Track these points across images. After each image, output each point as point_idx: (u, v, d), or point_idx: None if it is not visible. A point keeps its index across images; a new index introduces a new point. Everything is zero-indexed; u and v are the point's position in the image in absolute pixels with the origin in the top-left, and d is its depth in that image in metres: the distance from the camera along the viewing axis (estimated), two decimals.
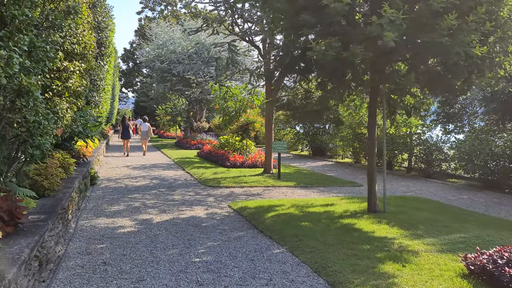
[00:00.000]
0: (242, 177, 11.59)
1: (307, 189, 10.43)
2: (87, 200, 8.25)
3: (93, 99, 11.68)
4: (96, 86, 11.90)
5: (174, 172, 13.00)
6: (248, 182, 10.87)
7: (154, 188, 9.90)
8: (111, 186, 10.03)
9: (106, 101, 16.11)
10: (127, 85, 54.93)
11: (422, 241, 5.41)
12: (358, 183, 11.43)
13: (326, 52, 5.22)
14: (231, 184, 10.53)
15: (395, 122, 8.59)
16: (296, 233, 5.74)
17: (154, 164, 15.43)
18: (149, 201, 8.38)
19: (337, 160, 18.46)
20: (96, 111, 12.27)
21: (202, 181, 11.00)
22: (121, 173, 12.49)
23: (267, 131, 12.51)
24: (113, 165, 14.73)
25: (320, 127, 20.39)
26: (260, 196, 9.25)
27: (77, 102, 7.41)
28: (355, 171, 14.86)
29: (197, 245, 5.39)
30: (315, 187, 10.71)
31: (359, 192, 10.18)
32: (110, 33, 13.87)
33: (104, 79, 13.89)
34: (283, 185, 10.67)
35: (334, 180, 11.83)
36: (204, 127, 24.48)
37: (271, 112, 12.37)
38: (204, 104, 25.06)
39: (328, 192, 9.96)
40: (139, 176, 12.00)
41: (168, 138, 34.48)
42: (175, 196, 8.95)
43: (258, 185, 10.56)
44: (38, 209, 4.79)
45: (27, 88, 3.89)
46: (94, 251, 5.05)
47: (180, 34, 25.10)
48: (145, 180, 11.17)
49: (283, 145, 11.59)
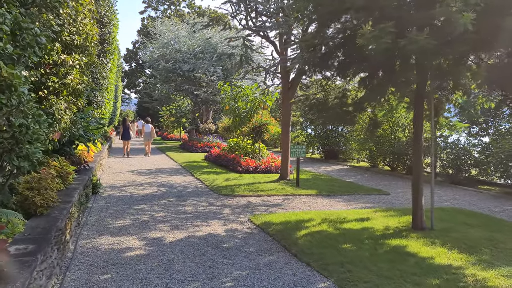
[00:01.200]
0: (257, 184, 10.62)
1: (330, 198, 9.45)
2: (88, 213, 7.29)
3: (95, 99, 10.74)
4: (99, 85, 10.97)
5: (183, 178, 12.03)
6: (264, 190, 9.90)
7: (162, 197, 8.94)
8: (115, 195, 9.07)
9: (109, 101, 15.18)
10: (129, 86, 54.03)
11: (498, 272, 4.42)
12: (384, 191, 10.45)
13: (380, 40, 4.24)
14: (247, 193, 9.55)
15: (438, 124, 7.58)
16: (340, 260, 4.76)
17: (160, 168, 14.47)
18: (158, 213, 7.41)
19: (352, 164, 17.46)
20: (98, 112, 11.34)
21: (214, 189, 10.04)
22: (125, 179, 11.54)
23: (283, 133, 11.53)
24: (116, 169, 13.78)
25: (333, 129, 19.41)
26: (281, 207, 8.28)
27: (77, 102, 6.46)
28: (374, 176, 13.87)
29: (221, 275, 4.42)
30: (338, 196, 9.74)
31: (388, 202, 9.20)
32: (114, 28, 12.94)
33: (107, 77, 12.96)
34: (303, 194, 9.69)
35: (357, 188, 10.84)
36: (211, 129, 23.50)
37: (288, 113, 11.39)
38: (210, 105, 24.11)
39: (355, 202, 8.99)
40: (145, 182, 11.05)
41: (172, 140, 33.54)
42: (187, 207, 7.98)
43: (277, 194, 9.59)
44: (26, 234, 3.83)
45: (8, 81, 2.93)
46: (96, 285, 4.08)
47: (186, 32, 24.19)
48: (152, 188, 10.21)
49: (302, 149, 10.62)
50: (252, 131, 13.97)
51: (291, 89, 11.22)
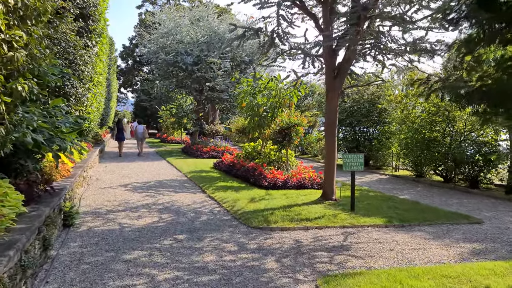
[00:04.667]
0: (296, 208, 7.72)
1: (408, 231, 6.57)
2: (46, 272, 4.37)
3: (73, 90, 7.80)
4: (78, 71, 8.04)
5: (192, 197, 9.11)
6: (310, 218, 6.99)
7: (167, 234, 6.02)
8: (97, 230, 6.15)
9: (96, 97, 12.24)
10: (126, 85, 50.93)
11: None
12: (473, 218, 7.56)
13: None
14: (288, 223, 6.65)
15: None
16: None
17: (161, 180, 11.54)
18: (162, 272, 4.50)
19: (390, 173, 14.54)
20: (78, 109, 8.43)
21: (239, 216, 7.13)
22: (115, 199, 8.62)
23: (328, 136, 8.62)
24: (106, 182, 10.85)
25: (362, 130, 16.52)
26: (351, 252, 5.38)
27: (16, 86, 3.54)
28: (430, 191, 10.98)
29: None
30: (416, 226, 6.86)
31: (495, 238, 6.32)
32: (101, 2, 10.00)
33: (93, 65, 10.03)
34: (367, 224, 6.79)
35: (433, 212, 7.94)
36: (218, 130, 20.47)
37: (335, 109, 8.48)
38: (218, 104, 21.16)
39: (450, 239, 6.11)
40: (141, 204, 8.13)
41: (172, 142, 30.54)
42: (205, 256, 5.07)
43: (330, 225, 6.68)
44: None
45: None
46: None
47: (188, 21, 21.29)
48: (151, 214, 7.29)
49: (359, 160, 7.71)
50: (277, 134, 11.05)
51: (338, 76, 8.33)
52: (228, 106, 22.47)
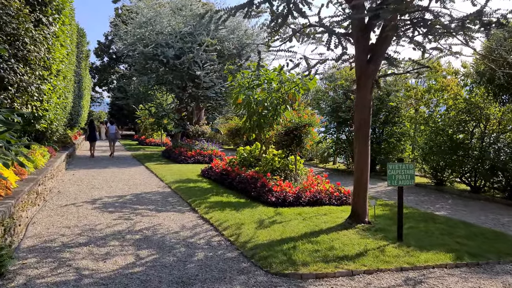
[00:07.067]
0: (323, 237, 5.72)
1: (491, 274, 4.67)
2: None
3: (13, 76, 5.57)
4: (22, 50, 5.81)
5: (179, 218, 6.99)
6: (349, 254, 5.00)
7: None
8: (40, 284, 3.97)
9: (58, 90, 9.91)
10: (101, 84, 47.96)
11: None
12: None
13: None
14: (323, 266, 4.62)
15: None
16: None
17: (138, 194, 9.35)
18: None
19: None
20: (31, 104, 6.21)
21: (249, 253, 5.06)
22: (78, 223, 6.42)
23: (359, 141, 6.63)
24: (69, 197, 8.61)
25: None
26: None
27: None
28: (465, 203, 9.18)
29: None
30: (495, 265, 4.97)
31: None
32: None
33: (50, 48, 7.77)
34: (431, 263, 4.84)
35: (498, 237, 6.08)
36: (204, 132, 18.23)
37: (368, 103, 6.51)
38: (203, 103, 18.98)
39: None
40: (111, 233, 5.96)
41: (151, 145, 28.10)
42: None
43: (382, 267, 4.69)
44: None
45: None
46: None
47: (169, 10, 19.09)
48: (124, 250, 5.15)
49: (409, 171, 5.76)
50: (283, 136, 9.02)
51: (372, 61, 6.38)
52: (214, 104, 20.31)
